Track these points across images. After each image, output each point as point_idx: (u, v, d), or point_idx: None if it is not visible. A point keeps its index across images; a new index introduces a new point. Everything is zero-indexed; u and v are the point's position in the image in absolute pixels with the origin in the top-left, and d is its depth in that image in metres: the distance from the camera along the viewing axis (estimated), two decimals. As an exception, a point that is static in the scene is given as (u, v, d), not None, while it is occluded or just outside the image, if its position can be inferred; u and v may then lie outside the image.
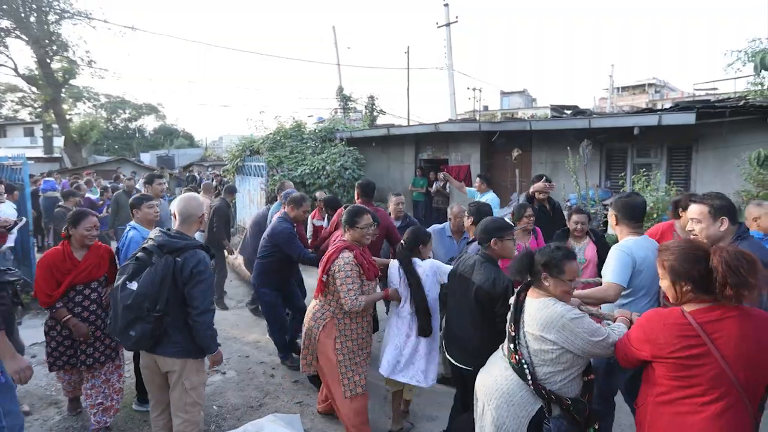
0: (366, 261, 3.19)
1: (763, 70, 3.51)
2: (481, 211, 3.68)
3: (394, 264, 3.43)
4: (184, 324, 2.61)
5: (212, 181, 15.15)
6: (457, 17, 16.02)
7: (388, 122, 15.74)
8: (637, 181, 6.89)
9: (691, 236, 2.50)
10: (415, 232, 3.39)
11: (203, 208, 2.87)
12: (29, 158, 9.83)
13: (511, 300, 2.37)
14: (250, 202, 10.94)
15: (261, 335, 5.36)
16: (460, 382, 2.98)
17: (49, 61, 24.95)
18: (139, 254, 2.64)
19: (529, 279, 2.30)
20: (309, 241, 4.99)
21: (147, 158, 30.52)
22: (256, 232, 5.41)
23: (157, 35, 72.52)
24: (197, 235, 4.55)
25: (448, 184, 6.74)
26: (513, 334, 2.24)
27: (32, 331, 5.07)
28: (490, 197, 6.41)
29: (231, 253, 6.74)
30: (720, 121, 6.62)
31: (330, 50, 19.86)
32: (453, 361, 2.92)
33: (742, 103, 6.45)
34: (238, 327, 5.66)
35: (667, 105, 11.05)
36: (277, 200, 5.91)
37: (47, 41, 24.33)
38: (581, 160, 7.44)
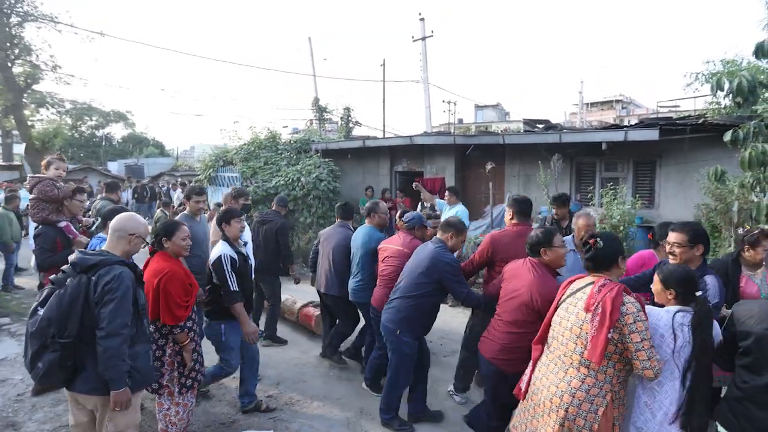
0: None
1: (719, 91, 3.69)
2: (699, 233, 2.91)
3: (662, 313, 2.39)
4: None
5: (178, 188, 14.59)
6: (432, 32, 16.27)
7: (363, 134, 15.80)
8: (605, 194, 7.12)
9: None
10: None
11: (138, 228, 2.59)
12: (-13, 166, 9.40)
13: None
14: (223, 212, 10.79)
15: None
16: None
17: (10, 64, 24.07)
18: (54, 276, 2.37)
19: None
20: None
21: (115, 167, 29.63)
22: (342, 259, 4.64)
23: (127, 41, 70.95)
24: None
25: (436, 206, 6.82)
26: None
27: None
28: (459, 209, 6.52)
29: (297, 281, 5.60)
30: (681, 137, 6.91)
31: (306, 61, 19.80)
32: None
33: (701, 121, 6.75)
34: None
35: (633, 121, 11.47)
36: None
37: (8, 44, 23.50)
38: (552, 173, 7.64)
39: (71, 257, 2.41)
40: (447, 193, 6.53)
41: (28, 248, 7.87)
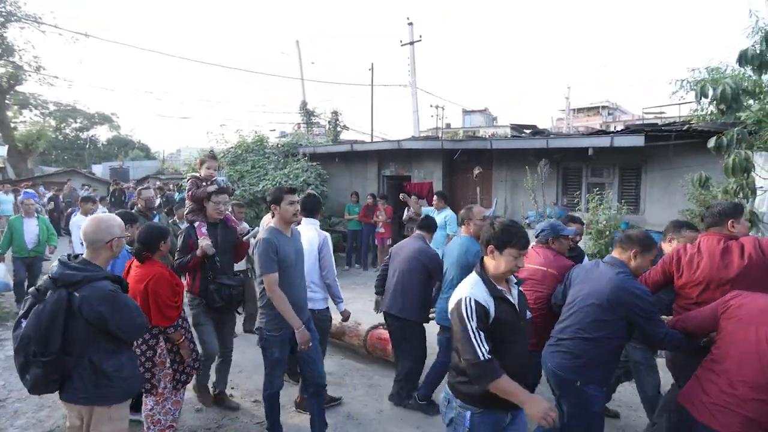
0: None
1: (703, 98, 3.73)
2: None
3: None
4: (88, 366, 2.28)
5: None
6: (420, 36, 16.36)
7: (351, 138, 15.81)
8: (591, 199, 7.17)
9: None
10: None
11: (113, 232, 2.44)
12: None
13: None
14: (209, 216, 10.66)
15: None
16: None
17: (-7, 65, 23.71)
18: (33, 289, 2.30)
19: None
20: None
21: (99, 170, 29.20)
22: (415, 274, 3.96)
23: (112, 43, 70.40)
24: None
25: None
26: None
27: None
28: (448, 214, 6.54)
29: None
30: (666, 143, 7.00)
31: (294, 64, 19.77)
32: None
33: (686, 127, 6.85)
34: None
35: (619, 127, 11.62)
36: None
37: (-9, 45, 23.14)
38: (539, 178, 7.69)
39: (52, 271, 2.29)
40: (435, 197, 6.52)
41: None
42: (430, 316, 4.17)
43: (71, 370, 2.26)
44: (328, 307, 3.86)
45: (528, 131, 9.76)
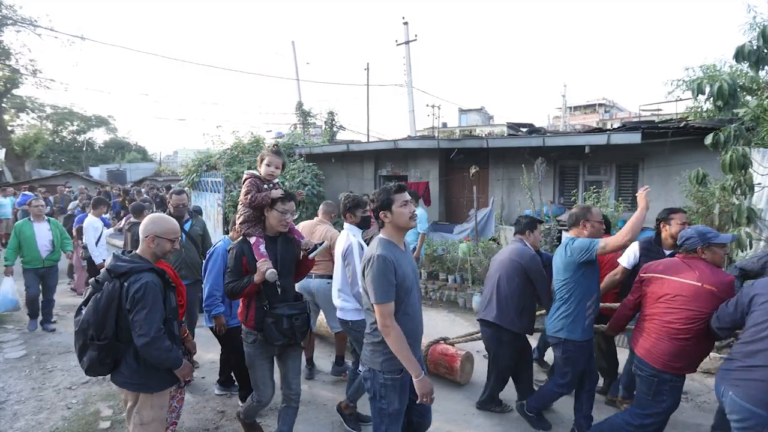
0: None
1: (700, 95, 3.72)
2: None
3: None
4: (134, 355, 2.47)
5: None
6: (416, 36, 16.37)
7: (347, 138, 15.80)
8: (588, 197, 7.16)
9: None
10: None
11: (148, 228, 2.61)
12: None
13: None
14: (207, 218, 10.64)
15: (217, 355, 5.15)
16: None
17: (-12, 69, 23.63)
18: (93, 279, 2.56)
19: None
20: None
21: (96, 172, 29.18)
22: (512, 278, 3.55)
23: (108, 45, 70.18)
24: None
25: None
26: None
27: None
28: (419, 212, 6.65)
29: None
30: (663, 141, 6.99)
31: (289, 65, 19.76)
32: None
33: (682, 124, 6.84)
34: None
35: (616, 124, 11.62)
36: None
37: (-13, 48, 23.06)
38: (536, 177, 7.67)
39: (108, 263, 2.50)
40: None
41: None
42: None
43: (123, 356, 2.49)
44: (364, 319, 2.94)
45: (524, 130, 9.73)
